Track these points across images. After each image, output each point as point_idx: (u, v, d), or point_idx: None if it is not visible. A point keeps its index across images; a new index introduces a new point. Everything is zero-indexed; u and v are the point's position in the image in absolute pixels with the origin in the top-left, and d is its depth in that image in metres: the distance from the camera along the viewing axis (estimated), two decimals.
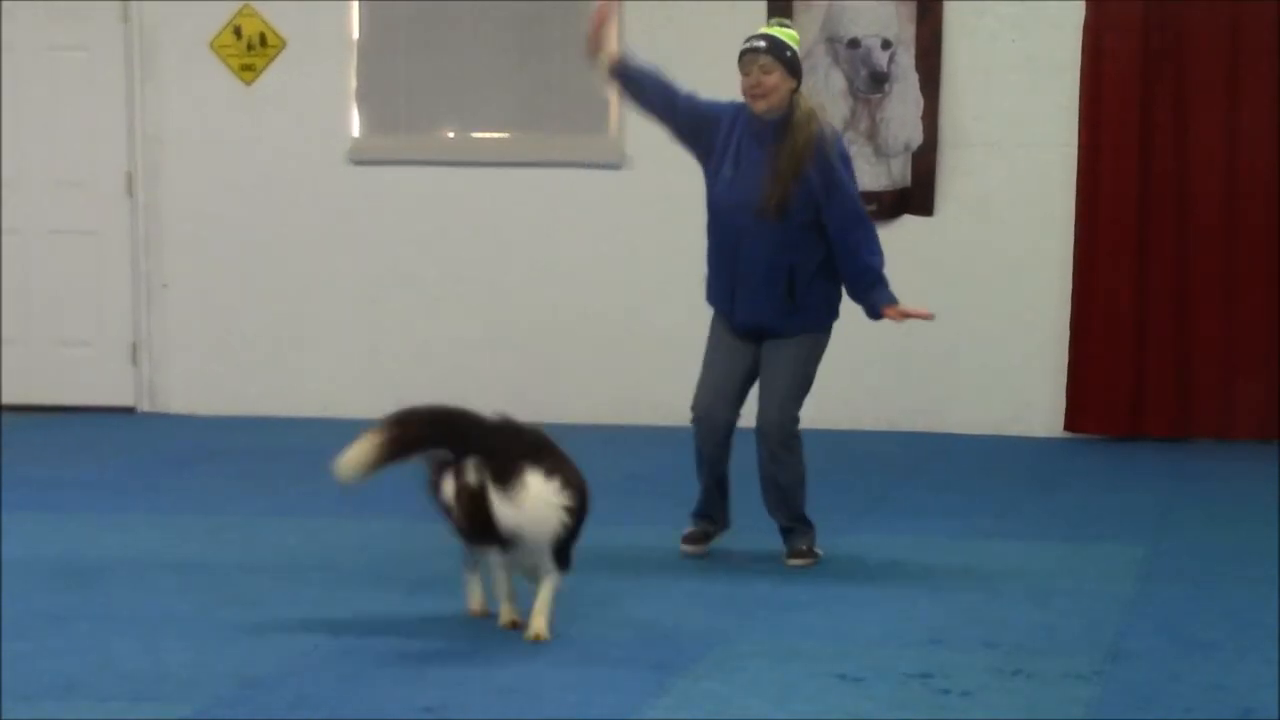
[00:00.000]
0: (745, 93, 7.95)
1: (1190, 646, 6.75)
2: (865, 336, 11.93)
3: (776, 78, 7.88)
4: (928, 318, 8.22)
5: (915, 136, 11.77)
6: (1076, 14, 11.53)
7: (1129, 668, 6.46)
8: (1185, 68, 11.41)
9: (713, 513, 8.31)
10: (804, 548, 8.13)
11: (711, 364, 8.17)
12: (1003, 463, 10.99)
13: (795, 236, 7.94)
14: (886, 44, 11.76)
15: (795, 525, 8.17)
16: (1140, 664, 6.51)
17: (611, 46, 8.29)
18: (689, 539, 8.29)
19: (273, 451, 11.29)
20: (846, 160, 8.05)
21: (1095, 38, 11.50)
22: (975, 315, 11.82)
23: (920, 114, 11.75)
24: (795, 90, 7.94)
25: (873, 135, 11.81)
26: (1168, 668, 6.45)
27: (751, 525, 8.88)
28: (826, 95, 11.81)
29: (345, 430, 12.23)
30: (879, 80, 11.79)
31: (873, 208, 11.78)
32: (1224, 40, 11.35)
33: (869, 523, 9.18)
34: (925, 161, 11.78)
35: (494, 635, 6.83)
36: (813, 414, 11.95)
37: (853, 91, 11.81)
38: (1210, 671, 6.42)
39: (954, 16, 11.72)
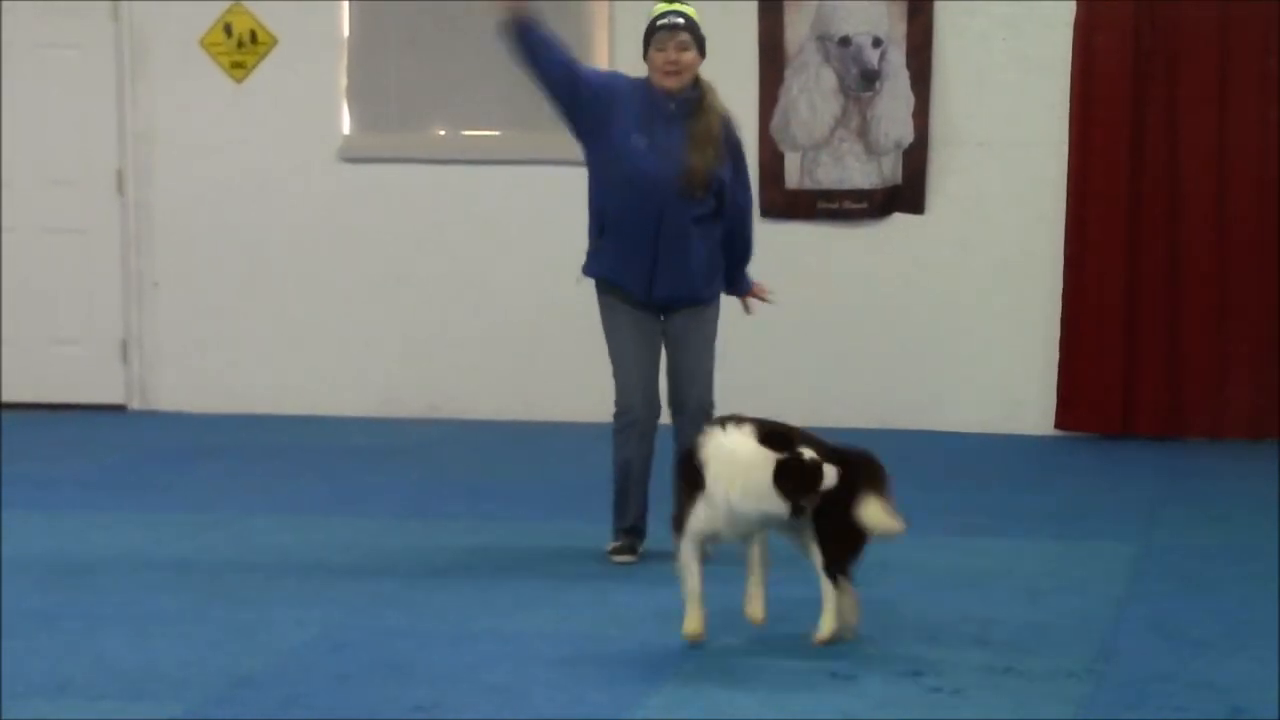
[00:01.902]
0: (659, 68, 7.92)
1: (1181, 644, 6.75)
2: (856, 335, 11.98)
3: (692, 55, 7.93)
4: (765, 298, 8.43)
5: (906, 134, 11.77)
6: (1067, 13, 11.53)
7: (1120, 665, 6.46)
8: (1176, 67, 11.41)
9: (642, 525, 8.19)
10: None
11: (632, 359, 8.11)
12: (994, 461, 11.00)
13: (709, 210, 8.03)
14: (877, 42, 11.76)
15: None
16: (1131, 662, 6.51)
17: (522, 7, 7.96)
18: (625, 550, 8.16)
19: (263, 449, 11.28)
20: (741, 150, 8.17)
21: (1086, 37, 11.51)
22: (966, 313, 11.83)
23: (911, 112, 11.76)
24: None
25: (863, 133, 11.82)
26: (1158, 665, 6.46)
27: None
28: (817, 93, 11.82)
29: (335, 428, 12.23)
30: (870, 78, 11.80)
31: (863, 205, 11.86)
32: (1214, 39, 11.35)
33: None
34: (916, 159, 11.79)
35: (485, 634, 6.83)
36: (803, 412, 11.98)
37: (843, 89, 11.82)
38: (1201, 669, 6.42)
39: (945, 15, 11.72)
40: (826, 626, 6.60)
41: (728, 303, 8.37)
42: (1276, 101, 11.31)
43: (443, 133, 12.51)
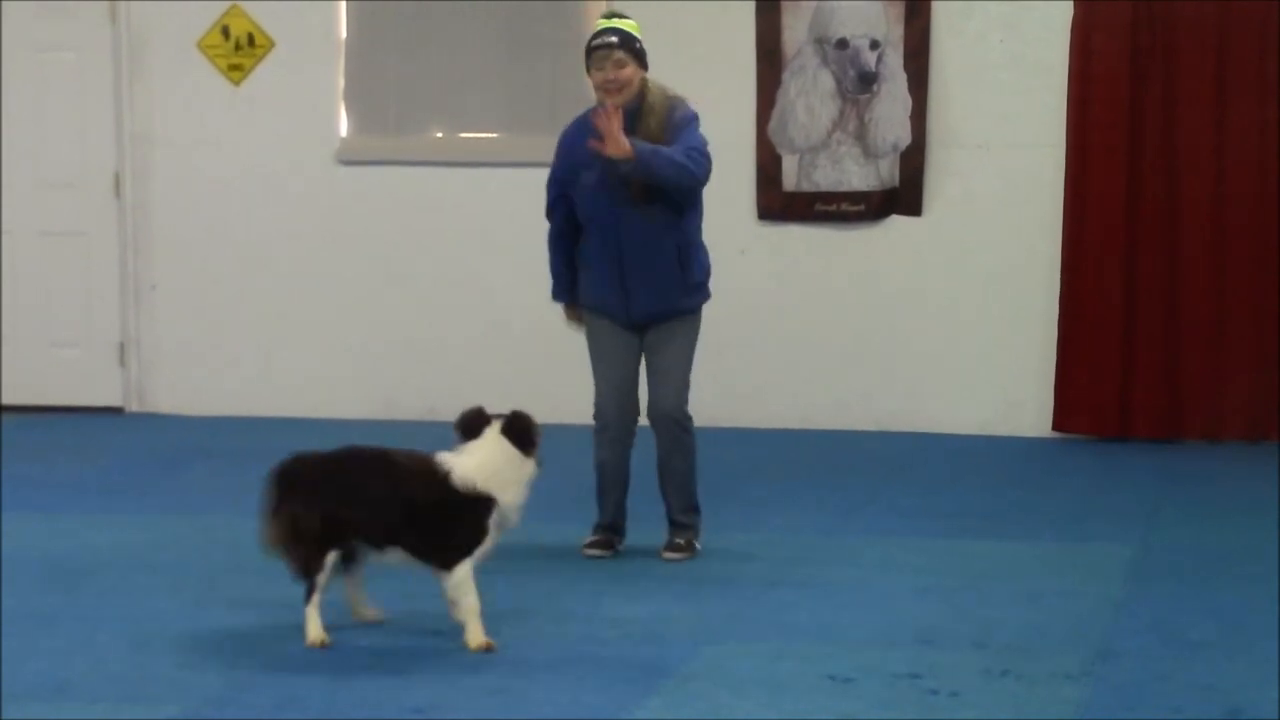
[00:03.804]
0: (600, 87, 8.01)
1: (1179, 646, 6.76)
2: (853, 337, 11.97)
3: (630, 70, 7.98)
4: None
5: (904, 137, 11.77)
6: (1065, 14, 11.52)
7: (1118, 667, 6.47)
8: (1173, 67, 11.41)
9: (620, 523, 8.33)
10: (682, 542, 8.18)
11: (607, 368, 8.26)
12: (991, 463, 11.00)
13: (671, 214, 8.05)
14: (875, 44, 11.76)
15: (684, 517, 8.20)
16: (1129, 663, 6.52)
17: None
18: (598, 544, 8.28)
19: (260, 452, 11.18)
20: (690, 119, 8.02)
21: (1084, 38, 11.50)
22: (964, 315, 11.82)
23: (909, 114, 11.75)
24: (644, 80, 8.05)
25: (861, 135, 11.81)
26: (1156, 667, 6.46)
27: (740, 526, 8.89)
28: (815, 95, 11.82)
29: (332, 430, 12.24)
30: (867, 80, 11.79)
31: (861, 207, 11.86)
32: (1212, 40, 11.34)
33: (858, 523, 9.18)
34: (913, 161, 11.78)
35: None
36: (801, 414, 12.03)
37: (841, 92, 11.81)
38: (1199, 671, 6.43)
39: (942, 17, 11.71)
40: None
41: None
42: (1274, 102, 11.31)
43: (440, 135, 12.51)
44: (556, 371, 12.11)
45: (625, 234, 8.04)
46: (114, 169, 12.62)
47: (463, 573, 6.68)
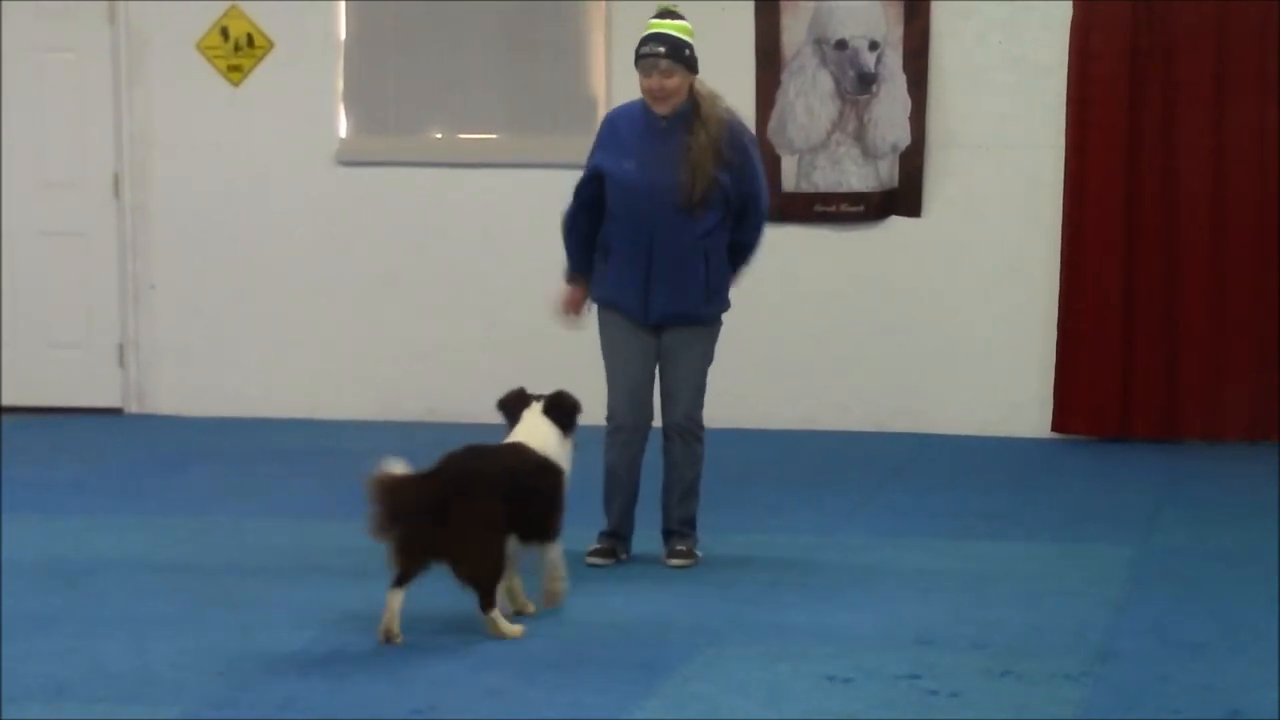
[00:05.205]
0: (646, 94, 7.99)
1: (1179, 647, 6.76)
2: (853, 338, 11.97)
3: (677, 79, 7.94)
4: None
5: (903, 137, 11.77)
6: (1064, 14, 11.53)
7: (1118, 668, 6.47)
8: (1173, 68, 11.41)
9: (625, 531, 8.28)
10: (684, 549, 8.12)
11: (623, 370, 8.20)
12: (991, 464, 10.99)
13: (710, 224, 8.02)
14: (874, 45, 11.76)
15: (681, 528, 8.16)
16: (1129, 664, 6.52)
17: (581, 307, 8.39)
18: (602, 553, 8.22)
19: (260, 453, 11.28)
20: (755, 145, 8.20)
21: (1083, 38, 11.50)
22: (963, 316, 11.82)
23: (908, 115, 11.75)
24: (692, 85, 8.03)
25: (860, 136, 11.81)
26: (1156, 668, 6.47)
27: (740, 526, 8.89)
28: (814, 96, 11.82)
29: (332, 431, 12.26)
30: (866, 81, 11.79)
31: (860, 208, 11.86)
32: (1212, 40, 11.35)
33: (857, 523, 9.18)
34: (913, 162, 11.78)
35: (483, 637, 6.83)
36: (800, 415, 12.03)
37: (840, 93, 11.81)
38: (1199, 672, 6.43)
39: (941, 17, 11.71)
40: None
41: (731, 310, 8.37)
42: (1274, 102, 11.32)
43: (439, 136, 12.51)
44: (557, 373, 12.07)
45: (661, 230, 7.96)
46: (113, 169, 12.62)
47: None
